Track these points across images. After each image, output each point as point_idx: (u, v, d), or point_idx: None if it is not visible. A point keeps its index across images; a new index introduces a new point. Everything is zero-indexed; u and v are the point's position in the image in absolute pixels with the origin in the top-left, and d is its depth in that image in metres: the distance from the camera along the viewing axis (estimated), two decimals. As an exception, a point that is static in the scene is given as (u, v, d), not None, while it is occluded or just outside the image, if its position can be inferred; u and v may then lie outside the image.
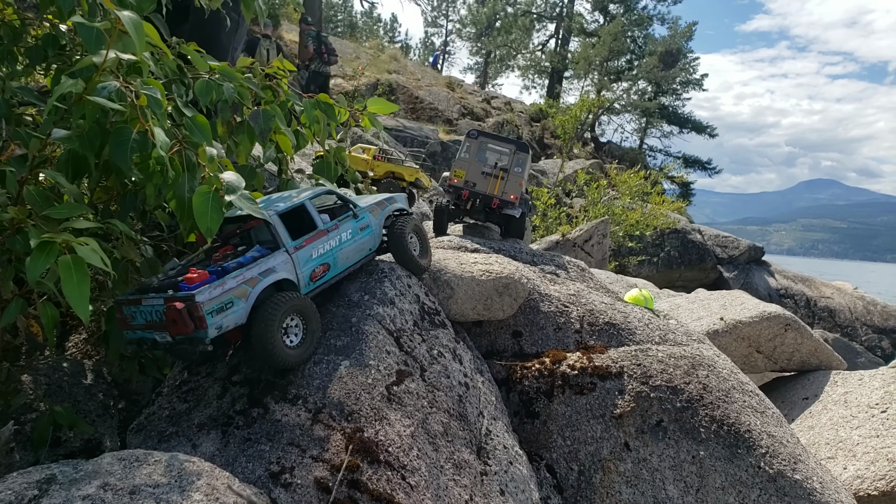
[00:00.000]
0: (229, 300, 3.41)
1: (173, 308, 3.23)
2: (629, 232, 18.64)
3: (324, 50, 13.54)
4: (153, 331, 3.39)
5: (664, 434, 4.54)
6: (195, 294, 3.25)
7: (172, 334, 3.31)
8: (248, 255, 3.74)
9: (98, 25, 2.95)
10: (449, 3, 58.19)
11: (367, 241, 4.43)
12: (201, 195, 2.99)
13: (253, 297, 3.51)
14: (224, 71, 3.86)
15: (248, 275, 3.52)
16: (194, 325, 3.26)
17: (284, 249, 3.80)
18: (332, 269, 4.14)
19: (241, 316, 3.46)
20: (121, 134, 2.89)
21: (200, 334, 3.29)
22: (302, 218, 4.06)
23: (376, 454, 3.31)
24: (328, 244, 4.09)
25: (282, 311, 3.54)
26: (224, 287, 3.39)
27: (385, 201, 4.69)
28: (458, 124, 27.82)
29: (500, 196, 6.68)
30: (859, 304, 19.11)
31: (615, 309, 5.37)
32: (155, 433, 3.52)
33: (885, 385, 6.61)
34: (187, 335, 3.28)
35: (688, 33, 41.49)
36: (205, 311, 3.27)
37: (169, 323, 3.27)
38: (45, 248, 2.54)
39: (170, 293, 3.34)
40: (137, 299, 3.45)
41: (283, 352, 3.55)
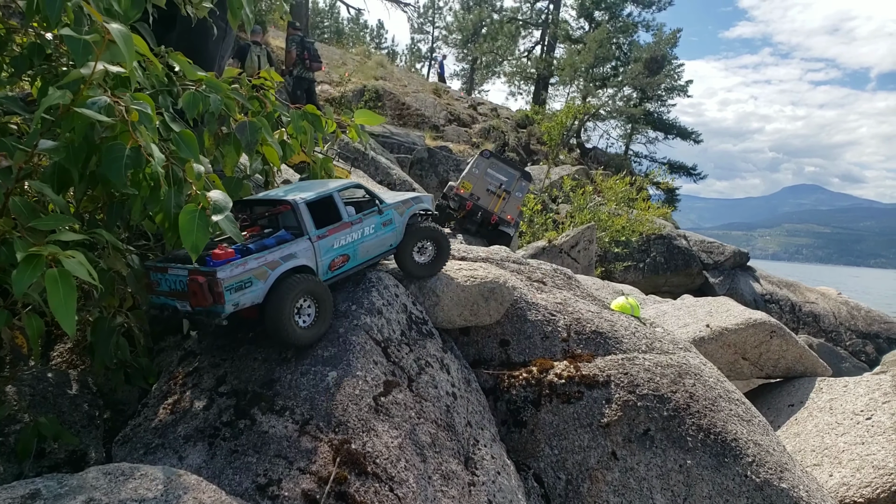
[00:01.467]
0: (249, 279, 3.59)
1: (195, 281, 3.44)
2: (615, 238, 18.72)
3: (307, 56, 13.51)
4: (175, 299, 3.64)
5: (651, 443, 4.56)
6: (217, 271, 3.44)
7: (192, 305, 3.53)
8: (272, 239, 3.92)
9: (87, 38, 2.94)
10: (435, 9, 58.33)
11: (389, 237, 4.58)
12: (188, 213, 3.01)
13: (272, 279, 3.69)
14: (211, 82, 3.85)
15: (269, 258, 3.71)
16: (213, 300, 3.45)
17: (307, 237, 3.98)
18: (352, 261, 4.31)
19: (259, 295, 3.65)
20: (114, 150, 2.88)
21: (218, 308, 3.48)
22: (328, 208, 4.24)
23: (364, 466, 3.31)
24: (350, 236, 4.26)
25: (295, 292, 3.72)
26: (245, 267, 3.58)
27: (412, 200, 4.81)
28: (444, 130, 27.87)
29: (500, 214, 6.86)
30: (843, 309, 19.26)
31: (602, 317, 5.39)
32: (141, 445, 3.50)
33: (870, 392, 6.67)
34: (205, 308, 3.50)
35: (672, 40, 41.77)
36: (224, 288, 3.45)
37: (190, 294, 3.49)
38: (32, 261, 2.52)
39: (194, 266, 3.51)
40: (164, 267, 3.69)
41: (294, 331, 3.74)
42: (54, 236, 2.77)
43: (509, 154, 28.79)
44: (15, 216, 2.94)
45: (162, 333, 4.70)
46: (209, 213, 3.06)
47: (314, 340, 3.91)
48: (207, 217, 3.04)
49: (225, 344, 4.11)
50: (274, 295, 3.68)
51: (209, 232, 3.06)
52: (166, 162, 3.20)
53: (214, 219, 3.06)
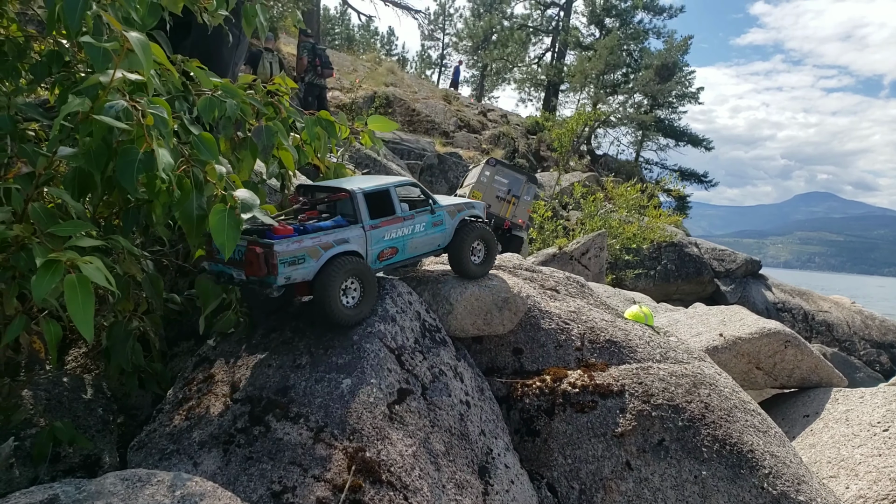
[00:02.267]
0: (302, 256, 3.86)
1: (253, 252, 3.73)
2: (626, 245, 18.64)
3: (318, 62, 13.54)
4: (233, 267, 3.92)
5: (666, 453, 4.52)
6: (274, 244, 3.72)
7: (247, 275, 3.81)
8: (328, 223, 4.24)
9: (107, 45, 2.96)
10: (445, 16, 58.45)
11: (438, 237, 4.79)
12: (217, 213, 3.06)
13: (323, 259, 3.95)
14: (227, 88, 3.87)
15: (324, 239, 3.97)
16: (267, 271, 3.73)
17: (361, 225, 4.23)
18: (400, 254, 4.54)
19: (310, 273, 3.91)
20: (127, 154, 2.90)
21: (270, 279, 3.76)
22: (384, 201, 4.48)
23: (378, 474, 3.30)
24: (401, 230, 4.49)
25: (342, 272, 3.97)
26: (300, 244, 3.85)
27: (464, 205, 5.02)
28: (454, 136, 27.87)
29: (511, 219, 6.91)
30: (857, 319, 19.08)
31: (616, 326, 5.36)
32: (156, 451, 3.51)
33: (887, 403, 6.60)
34: (259, 278, 3.77)
35: (683, 47, 41.64)
36: (279, 260, 3.73)
37: (246, 264, 3.78)
38: (51, 266, 2.54)
39: (254, 238, 3.83)
40: None
41: (340, 310, 4.00)
42: (72, 242, 2.78)
43: (519, 161, 28.79)
44: (34, 222, 2.96)
45: (176, 338, 4.72)
46: (238, 213, 3.11)
47: (358, 321, 4.14)
48: (237, 216, 3.10)
49: (239, 350, 4.12)
50: (323, 274, 3.92)
51: (239, 230, 3.15)
52: (186, 164, 3.23)
53: (244, 217, 3.13)
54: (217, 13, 4.29)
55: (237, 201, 3.16)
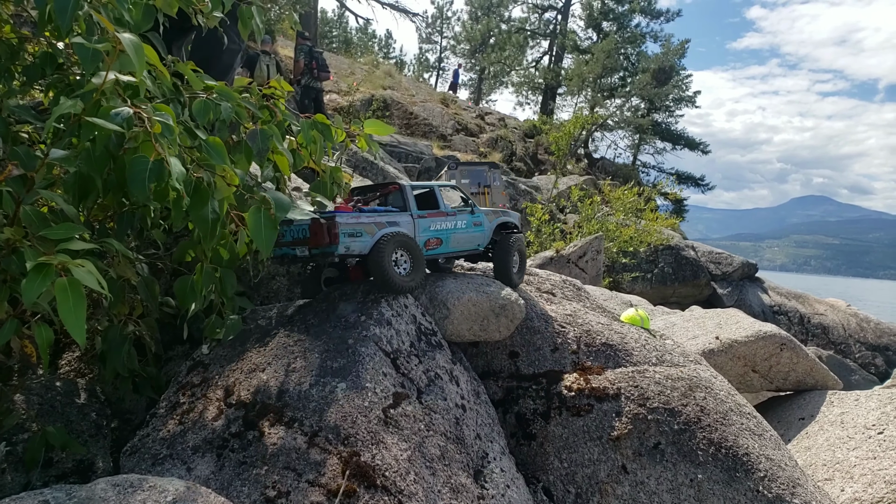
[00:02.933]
0: (360, 231, 4.43)
1: (317, 223, 4.31)
2: (623, 248, 18.63)
3: (314, 65, 13.47)
4: (295, 246, 4.49)
5: (662, 457, 4.51)
6: (336, 216, 4.32)
7: (311, 246, 4.37)
8: (381, 208, 4.96)
9: (98, 46, 2.94)
10: (443, 19, 58.46)
11: (478, 236, 5.47)
12: (254, 214, 3.19)
13: (377, 236, 4.52)
14: (222, 90, 3.85)
15: (378, 219, 4.61)
16: (329, 240, 4.27)
17: (410, 213, 4.90)
18: (444, 246, 5.16)
19: (366, 247, 4.46)
20: (138, 163, 2.88)
21: (332, 248, 4.29)
22: (430, 198, 5.29)
23: (373, 479, 3.28)
24: (445, 224, 5.15)
25: (392, 243, 4.52)
26: (358, 220, 4.47)
27: (501, 212, 5.78)
28: (452, 140, 27.87)
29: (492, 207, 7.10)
30: (853, 321, 19.10)
31: (612, 329, 5.35)
32: (149, 456, 3.48)
33: (882, 406, 6.60)
34: (321, 247, 4.32)
35: (680, 51, 41.70)
36: (340, 230, 4.29)
37: (311, 235, 4.35)
38: (42, 270, 2.51)
39: (317, 215, 4.34)
40: (290, 220, 4.24)
41: (397, 277, 4.51)
42: (65, 245, 2.76)
43: (517, 164, 28.79)
44: (26, 225, 2.93)
45: (171, 342, 4.69)
46: (273, 213, 3.22)
47: (413, 288, 4.65)
48: (272, 217, 3.21)
49: (233, 355, 4.10)
50: (376, 246, 4.46)
51: (276, 230, 3.25)
52: (198, 170, 3.23)
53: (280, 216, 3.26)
54: (212, 16, 4.27)
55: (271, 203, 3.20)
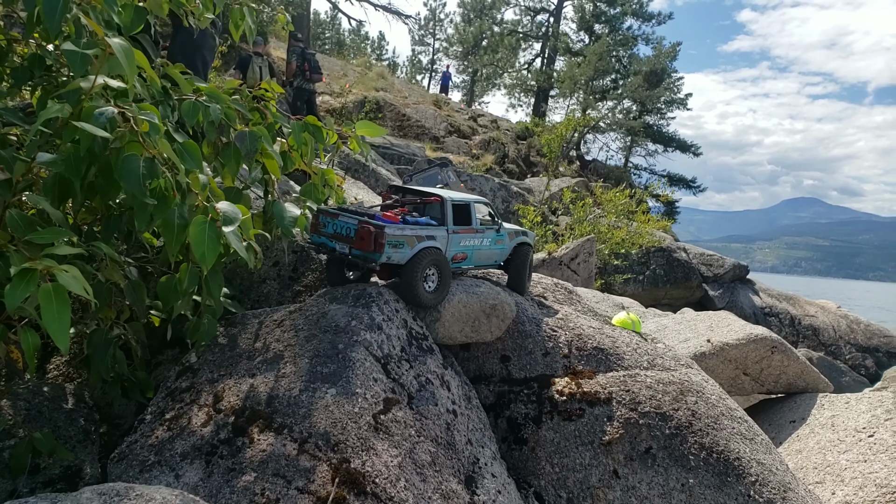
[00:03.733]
0: (402, 242, 4.60)
1: (367, 229, 4.48)
2: (615, 250, 18.65)
3: (307, 67, 13.43)
4: (336, 241, 4.70)
5: (653, 461, 4.50)
6: (386, 227, 4.49)
7: (356, 248, 4.55)
8: (423, 220, 5.02)
9: (89, 52, 2.91)
10: (436, 21, 58.46)
11: (498, 253, 5.62)
12: (198, 224, 2.99)
13: (416, 249, 4.69)
14: (211, 92, 3.82)
15: (420, 232, 4.76)
16: (374, 248, 4.45)
17: (446, 228, 5.03)
18: (467, 261, 5.32)
19: (404, 258, 4.64)
20: (129, 162, 2.85)
21: (375, 256, 4.49)
22: (464, 212, 5.28)
23: (363, 485, 3.26)
24: (473, 241, 5.28)
25: (427, 261, 4.68)
26: (403, 231, 4.63)
27: (521, 232, 5.88)
28: (444, 142, 27.84)
29: None
30: (843, 323, 19.18)
31: (603, 333, 5.34)
32: (136, 462, 3.45)
33: (872, 409, 6.61)
34: (365, 252, 4.50)
35: (672, 53, 41.77)
36: (386, 241, 4.47)
37: (357, 239, 4.53)
38: (26, 275, 2.48)
39: (366, 218, 4.61)
40: (336, 213, 4.80)
41: (423, 293, 4.70)
42: (51, 249, 2.72)
43: (509, 166, 28.78)
44: (11, 229, 2.90)
45: (160, 347, 4.65)
46: (219, 225, 3.05)
47: (436, 304, 4.82)
48: (218, 228, 3.04)
49: (223, 359, 4.07)
50: (412, 261, 4.63)
51: (220, 244, 3.05)
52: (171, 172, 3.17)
53: (225, 230, 3.05)
54: (203, 17, 4.24)
55: (219, 214, 3.10)
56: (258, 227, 4.35)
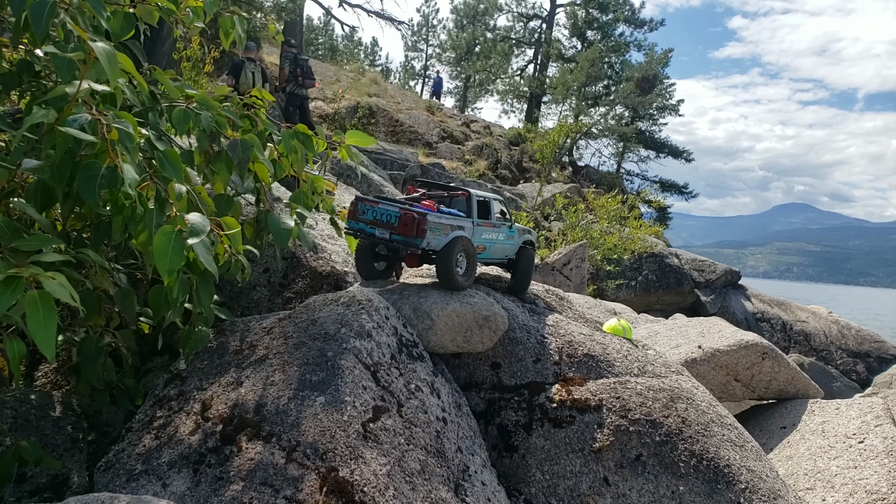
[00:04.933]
0: (439, 229, 5.08)
1: (411, 215, 4.96)
2: (607, 256, 18.68)
3: (299, 73, 13.39)
4: (376, 227, 5.14)
5: (643, 469, 4.50)
6: (428, 214, 5.02)
7: (398, 233, 5.01)
8: (454, 211, 5.63)
9: (72, 56, 2.90)
10: (429, 27, 58.60)
11: (509, 248, 6.10)
12: (163, 235, 2.95)
13: (450, 237, 5.17)
14: (202, 100, 3.81)
15: (452, 221, 5.27)
16: (416, 233, 4.92)
17: (472, 220, 5.56)
18: (486, 253, 5.77)
19: (439, 244, 5.12)
20: (90, 169, 2.82)
21: (416, 241, 4.95)
22: (485, 208, 5.88)
23: (351, 495, 3.24)
24: (491, 234, 5.78)
25: (459, 246, 5.19)
26: (440, 220, 5.14)
27: (526, 231, 6.38)
28: (437, 147, 27.84)
29: None
30: (834, 328, 19.25)
31: (594, 340, 5.34)
32: (123, 472, 3.42)
33: (862, 415, 6.63)
34: (407, 237, 4.96)
35: (664, 60, 41.93)
36: (428, 227, 4.94)
37: (400, 224, 4.99)
38: (11, 283, 2.46)
39: (408, 206, 5.14)
40: (375, 201, 5.33)
41: (456, 277, 5.18)
42: (38, 257, 2.70)
43: (501, 171, 28.81)
44: (-3, 236, 2.88)
45: (149, 354, 4.63)
46: (185, 237, 3.00)
47: (466, 287, 5.31)
48: (183, 240, 2.99)
49: (211, 367, 4.05)
50: (447, 247, 5.13)
51: (183, 256, 3.00)
52: (149, 181, 3.14)
53: (190, 242, 3.00)
54: (193, 25, 4.24)
55: (187, 225, 3.05)
56: (249, 234, 4.32)
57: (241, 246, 3.58)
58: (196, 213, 3.14)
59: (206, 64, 13.98)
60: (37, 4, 2.99)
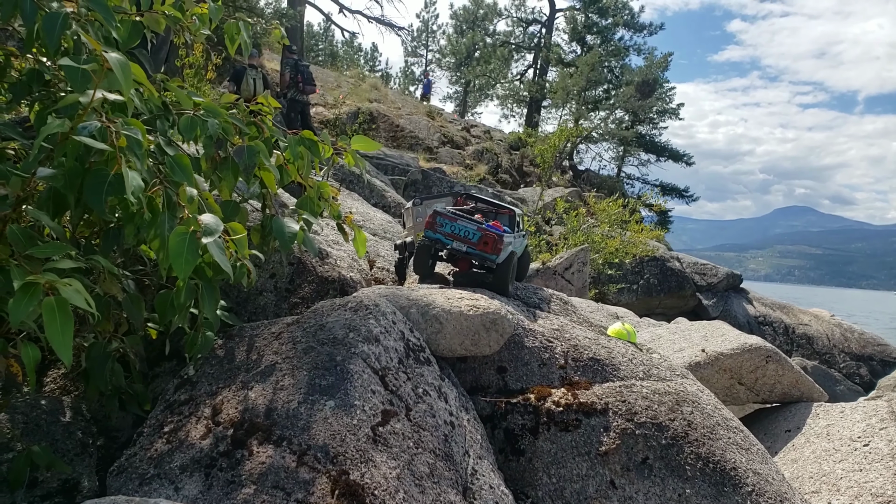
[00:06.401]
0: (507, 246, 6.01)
1: (491, 236, 5.90)
2: (609, 260, 18.69)
3: (300, 79, 13.43)
4: (453, 239, 5.98)
5: (650, 472, 4.52)
6: (504, 235, 5.98)
7: (477, 249, 5.92)
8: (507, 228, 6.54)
9: (86, 67, 2.93)
10: (428, 33, 58.73)
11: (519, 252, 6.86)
12: (178, 236, 2.98)
13: (507, 251, 6.07)
14: (209, 107, 3.85)
15: (508, 238, 6.10)
16: (493, 250, 5.86)
17: (512, 234, 6.45)
18: None
19: (502, 258, 5.99)
20: (97, 175, 2.86)
21: (492, 256, 5.91)
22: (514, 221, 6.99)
23: (362, 498, 3.26)
24: (516, 242, 6.53)
25: (513, 257, 6.18)
26: (507, 238, 6.05)
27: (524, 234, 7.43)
28: (438, 152, 27.89)
29: None
30: (837, 332, 19.26)
31: (599, 344, 5.37)
32: (136, 475, 3.45)
33: (867, 418, 6.65)
34: (484, 253, 5.91)
35: (663, 64, 42.03)
36: (503, 246, 5.88)
37: (481, 242, 5.90)
38: (29, 289, 2.49)
39: (486, 227, 6.01)
40: (454, 217, 6.08)
41: (511, 284, 6.19)
42: (51, 264, 2.74)
43: (502, 176, 28.87)
44: (12, 244, 2.91)
45: (157, 359, 4.66)
46: (199, 237, 3.04)
47: (513, 293, 6.28)
48: (198, 241, 3.02)
49: (221, 372, 4.08)
50: (506, 260, 6.02)
51: (198, 255, 3.04)
52: (159, 185, 3.18)
53: (204, 241, 3.04)
54: (199, 33, 4.27)
55: (200, 225, 3.09)
56: (255, 240, 4.35)
57: (248, 251, 3.61)
58: (209, 214, 3.18)
59: (209, 71, 14.03)
60: (49, 16, 3.03)
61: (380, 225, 9.78)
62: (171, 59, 13.17)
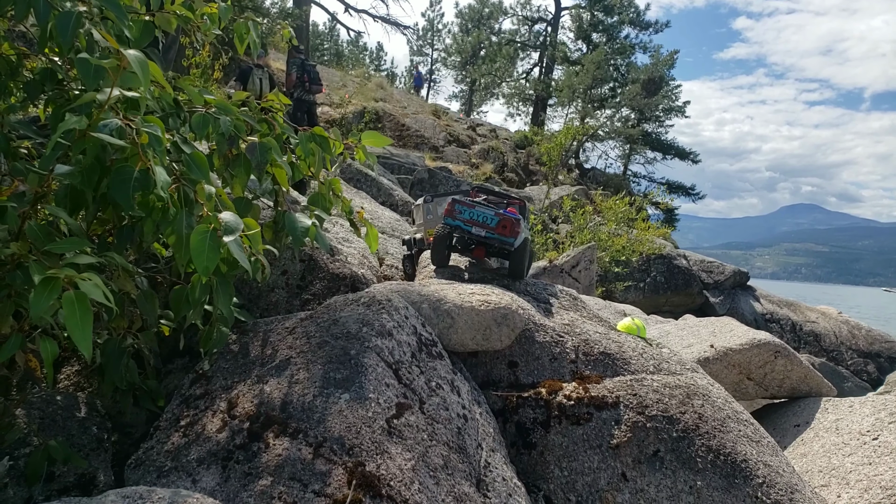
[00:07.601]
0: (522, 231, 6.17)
1: (509, 219, 6.07)
2: (615, 258, 18.71)
3: (306, 78, 13.44)
4: (472, 225, 6.10)
5: (661, 464, 4.54)
6: (520, 219, 6.21)
7: (496, 233, 6.05)
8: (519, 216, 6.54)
9: (104, 63, 2.97)
10: (434, 32, 58.76)
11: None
12: (199, 234, 3.01)
13: (522, 237, 6.18)
14: (221, 105, 3.88)
15: (522, 224, 6.27)
16: (511, 234, 6.04)
17: (524, 221, 6.62)
18: None
19: (517, 243, 6.12)
20: (122, 172, 2.89)
21: (510, 240, 6.06)
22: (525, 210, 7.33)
23: (378, 489, 3.29)
24: (526, 231, 6.56)
25: (527, 243, 6.34)
26: (523, 224, 6.32)
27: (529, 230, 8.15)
28: (444, 151, 27.94)
29: None
30: (844, 329, 19.20)
31: (609, 338, 5.39)
32: (154, 468, 3.48)
33: (876, 412, 6.65)
34: (502, 237, 6.04)
35: (669, 61, 41.97)
36: (520, 230, 6.10)
37: (499, 226, 6.04)
38: (49, 284, 2.52)
39: (503, 212, 6.17)
40: (472, 204, 6.23)
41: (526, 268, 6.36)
42: (69, 259, 2.77)
43: (508, 174, 28.90)
44: (31, 240, 2.95)
45: (170, 355, 4.70)
46: (220, 235, 3.07)
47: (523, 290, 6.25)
48: (219, 238, 3.05)
49: (236, 367, 4.11)
50: (522, 245, 6.17)
51: (220, 253, 3.07)
52: (176, 183, 3.21)
53: (226, 240, 3.07)
54: (210, 32, 4.30)
55: (221, 223, 3.12)
56: (268, 237, 4.38)
57: (262, 246, 3.64)
58: (228, 213, 3.21)
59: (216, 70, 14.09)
60: (63, 15, 3.06)
61: (388, 223, 9.82)
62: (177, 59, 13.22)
